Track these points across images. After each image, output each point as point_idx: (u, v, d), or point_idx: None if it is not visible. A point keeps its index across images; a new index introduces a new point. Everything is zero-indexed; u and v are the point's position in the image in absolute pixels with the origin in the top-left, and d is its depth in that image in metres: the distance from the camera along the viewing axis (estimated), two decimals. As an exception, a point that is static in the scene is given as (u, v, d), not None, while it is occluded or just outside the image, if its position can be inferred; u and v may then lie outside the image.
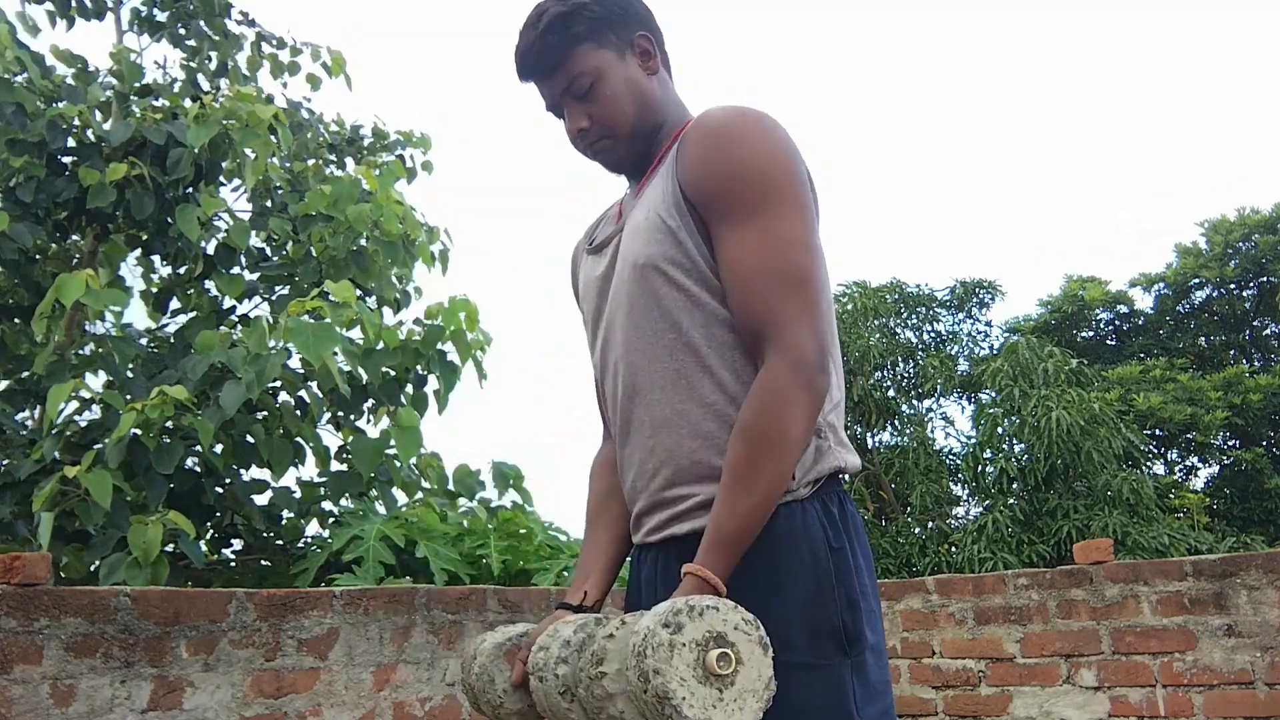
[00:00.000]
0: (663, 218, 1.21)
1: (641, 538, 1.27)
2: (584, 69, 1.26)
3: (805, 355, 1.11)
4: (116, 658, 2.08)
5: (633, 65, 1.29)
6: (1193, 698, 3.08)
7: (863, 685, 1.11)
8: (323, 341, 3.66)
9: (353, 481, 4.20)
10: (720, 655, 0.97)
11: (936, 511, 12.87)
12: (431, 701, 2.68)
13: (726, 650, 0.98)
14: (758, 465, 1.09)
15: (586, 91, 1.27)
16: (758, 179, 1.16)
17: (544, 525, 4.15)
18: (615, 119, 1.27)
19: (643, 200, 1.28)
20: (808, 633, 1.10)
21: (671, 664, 0.95)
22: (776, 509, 1.13)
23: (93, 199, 4.32)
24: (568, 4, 1.26)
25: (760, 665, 0.99)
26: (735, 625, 0.99)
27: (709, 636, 0.98)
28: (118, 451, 3.46)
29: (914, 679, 3.68)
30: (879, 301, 14.30)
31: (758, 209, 1.15)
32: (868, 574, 1.18)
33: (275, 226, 4.88)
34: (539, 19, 1.27)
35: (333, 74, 6.10)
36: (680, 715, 0.94)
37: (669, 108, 1.33)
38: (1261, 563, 3.03)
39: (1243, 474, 14.79)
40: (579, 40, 1.26)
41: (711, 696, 0.96)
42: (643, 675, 0.96)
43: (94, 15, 5.63)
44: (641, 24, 1.32)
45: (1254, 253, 16.67)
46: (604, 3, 1.28)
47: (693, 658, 0.96)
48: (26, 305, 4.86)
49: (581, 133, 1.29)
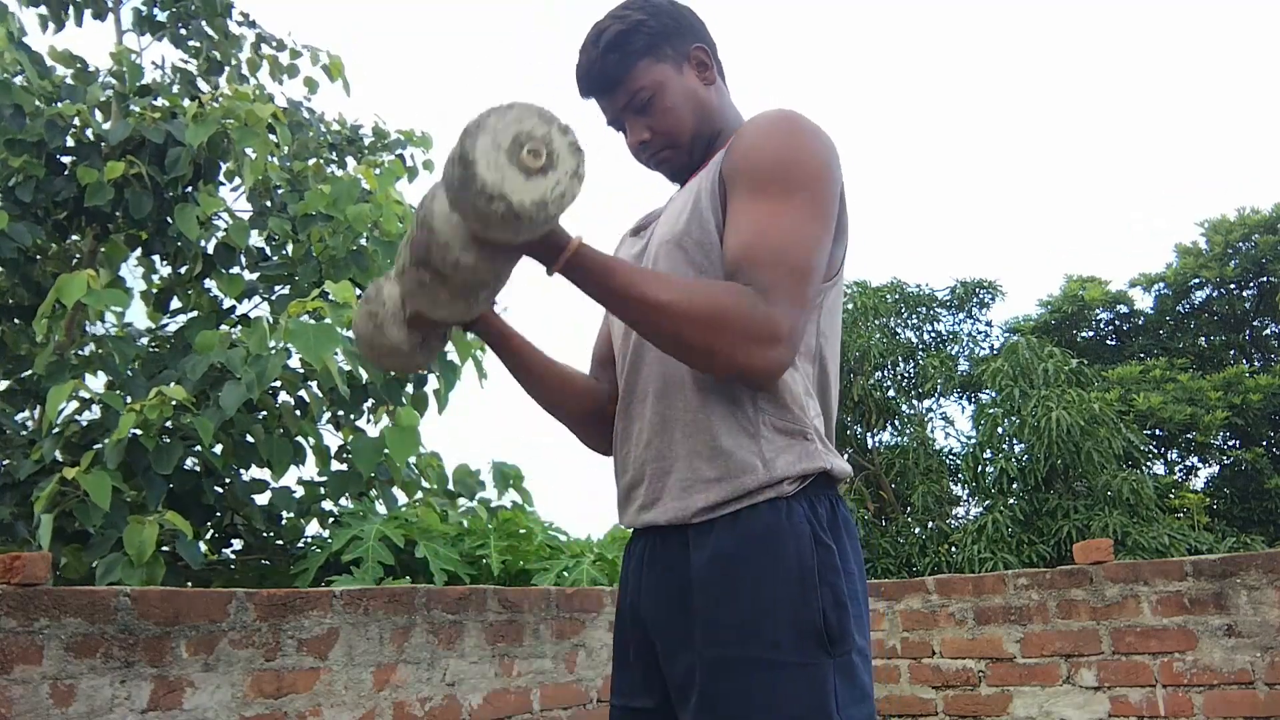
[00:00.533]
0: (696, 201, 1.24)
1: (630, 517, 1.28)
2: (644, 84, 1.31)
3: (778, 325, 1.09)
4: (116, 658, 2.08)
5: (690, 77, 1.34)
6: (1193, 698, 3.08)
7: (847, 687, 1.10)
8: (324, 342, 3.66)
9: (353, 481, 4.20)
10: (530, 150, 0.99)
11: (937, 511, 12.87)
12: (431, 701, 2.68)
13: (538, 147, 0.99)
14: (679, 292, 1.09)
15: (646, 105, 1.32)
16: (785, 170, 1.17)
17: (544, 525, 4.16)
18: (675, 130, 1.32)
19: (686, 188, 1.32)
20: (791, 630, 1.09)
21: (478, 140, 0.97)
22: (759, 505, 1.14)
23: (90, 198, 4.32)
24: (626, 21, 1.31)
25: (570, 162, 1.01)
26: (554, 126, 1.01)
27: (523, 134, 0.99)
28: (117, 452, 3.45)
29: (914, 679, 3.68)
30: (879, 301, 14.30)
31: (777, 194, 1.16)
32: (859, 579, 1.18)
33: (275, 226, 4.88)
34: (599, 38, 1.31)
35: (332, 77, 6.10)
36: (477, 176, 0.96)
37: (727, 116, 1.37)
38: (1261, 563, 3.03)
39: (1243, 474, 14.80)
40: (638, 56, 1.31)
41: (516, 177, 0.98)
42: (452, 160, 0.98)
43: (95, 15, 5.63)
44: (696, 36, 1.36)
45: (1254, 253, 16.67)
46: (660, 18, 1.32)
47: (504, 141, 0.98)
48: (26, 305, 4.86)
49: (643, 145, 1.34)
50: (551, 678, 3.04)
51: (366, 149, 6.43)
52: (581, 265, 1.08)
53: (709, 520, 1.17)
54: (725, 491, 1.16)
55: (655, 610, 1.22)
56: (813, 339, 1.23)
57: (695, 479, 1.18)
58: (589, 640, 3.21)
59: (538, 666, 3.00)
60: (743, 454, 1.16)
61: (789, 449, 1.16)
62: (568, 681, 3.10)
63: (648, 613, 1.23)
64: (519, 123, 1.00)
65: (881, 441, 14.10)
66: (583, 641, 3.18)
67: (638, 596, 1.26)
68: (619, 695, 1.29)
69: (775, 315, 1.09)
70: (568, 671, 3.10)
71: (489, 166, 0.97)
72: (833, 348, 1.27)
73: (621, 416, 1.30)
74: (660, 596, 1.21)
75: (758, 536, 1.13)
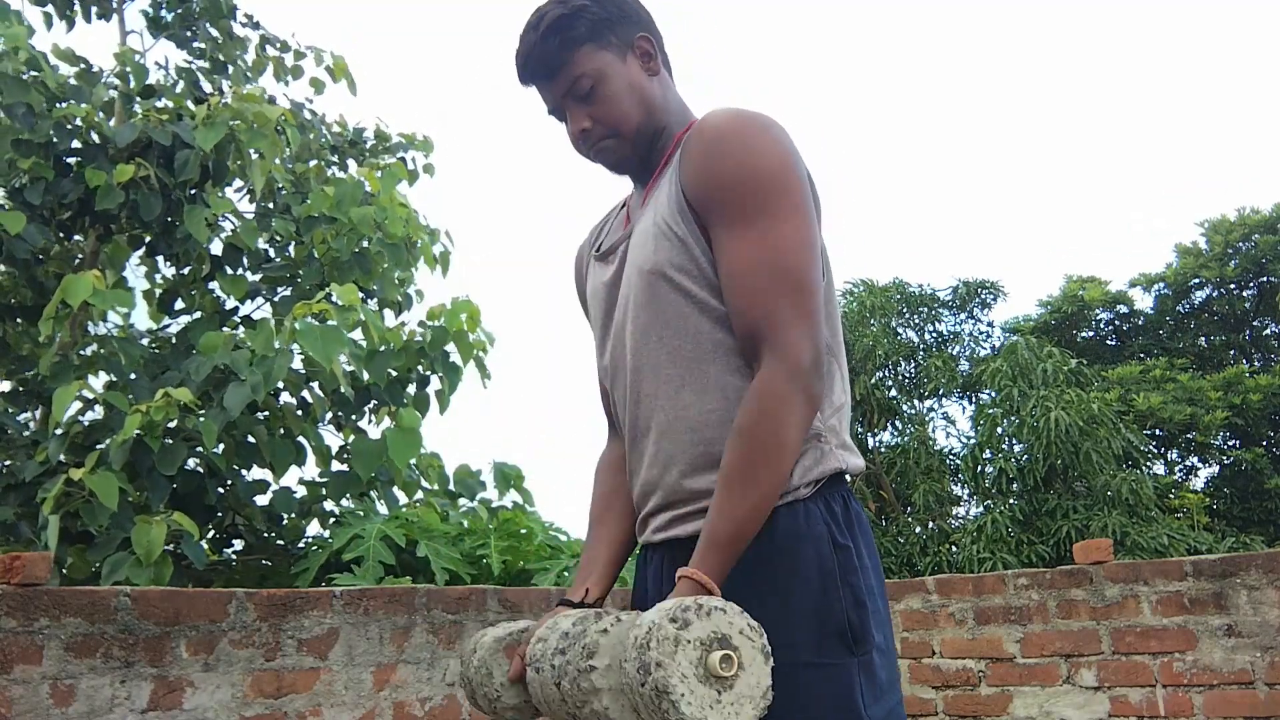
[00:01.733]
0: (669, 224, 1.22)
1: (647, 537, 1.28)
2: (585, 70, 1.26)
3: (801, 360, 1.11)
4: (116, 658, 2.09)
5: (634, 66, 1.30)
6: (1193, 698, 3.08)
7: (870, 684, 1.11)
8: (331, 344, 3.67)
9: (354, 481, 4.21)
10: (723, 657, 0.96)
11: (937, 511, 12.87)
12: (431, 701, 2.68)
13: (729, 653, 0.96)
14: (752, 469, 1.09)
15: (588, 93, 1.27)
16: (756, 183, 1.16)
17: (544, 525, 4.16)
18: (618, 119, 1.28)
19: (649, 206, 1.28)
20: (814, 632, 1.10)
21: (675, 659, 0.94)
22: (777, 509, 1.14)
23: (100, 200, 4.32)
24: (568, 6, 1.27)
25: (760, 672, 0.98)
26: (740, 630, 0.98)
27: (714, 637, 0.97)
28: (122, 453, 3.46)
29: (914, 679, 3.69)
30: (883, 301, 14.30)
31: (756, 213, 1.15)
32: (874, 574, 1.18)
33: (279, 227, 4.89)
34: (539, 22, 1.27)
35: (335, 78, 6.11)
36: (677, 710, 0.93)
37: (671, 109, 1.33)
38: (1261, 563, 3.04)
39: (1243, 474, 14.79)
40: (579, 42, 1.26)
41: (710, 697, 0.95)
42: (643, 668, 0.95)
43: (100, 15, 5.64)
44: (641, 25, 1.32)
45: (1254, 253, 16.66)
46: (604, 4, 1.28)
47: (696, 656, 0.95)
48: (29, 305, 4.86)
49: (584, 134, 1.29)
50: (552, 678, 3.03)
51: (368, 151, 6.43)
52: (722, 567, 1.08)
53: None
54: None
55: None
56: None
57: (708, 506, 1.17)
58: (589, 640, 3.20)
59: (538, 666, 2.99)
60: None
61: (804, 456, 1.17)
62: (568, 681, 3.09)
63: None
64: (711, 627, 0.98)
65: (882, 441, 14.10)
66: (583, 641, 3.18)
67: (656, 602, 1.25)
68: None
69: (794, 354, 1.11)
70: (568, 671, 3.10)
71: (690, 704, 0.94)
72: (836, 339, 1.26)
73: (631, 447, 1.30)
74: None
75: (776, 541, 1.13)
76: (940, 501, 13.00)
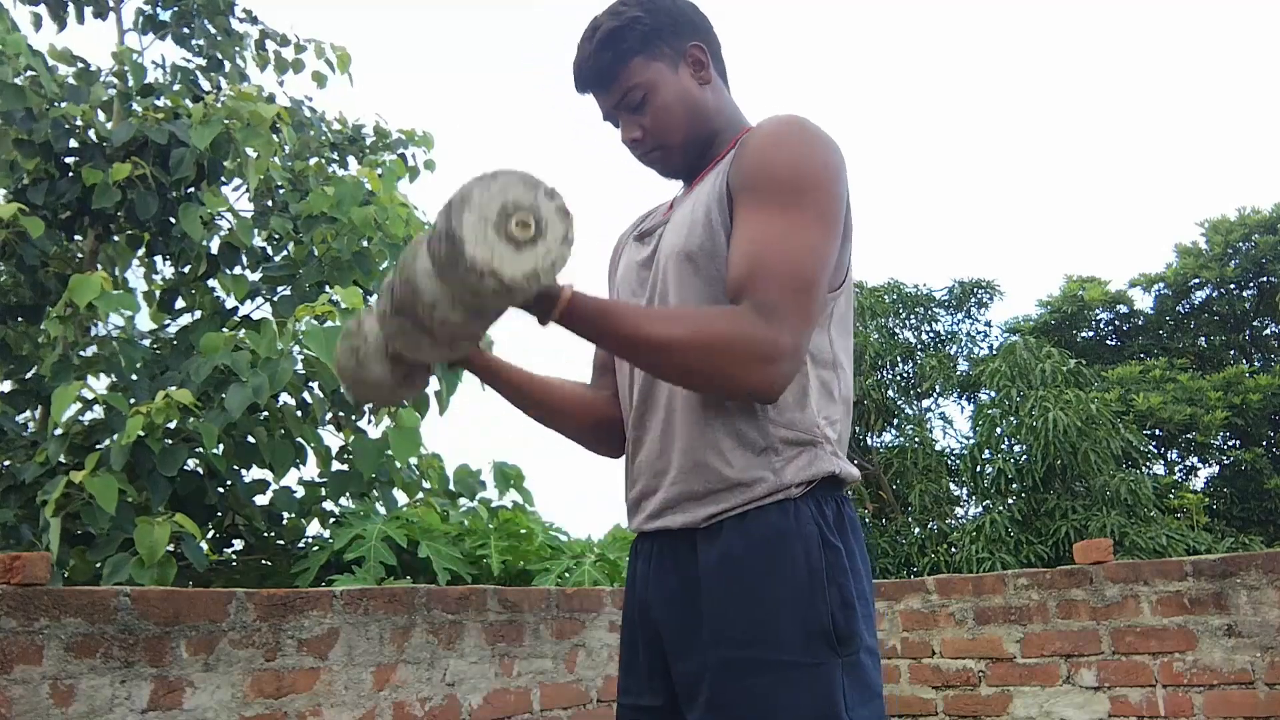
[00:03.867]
0: (706, 212, 1.24)
1: (639, 524, 1.29)
2: (636, 82, 1.30)
3: (778, 341, 1.10)
4: (116, 658, 2.09)
5: (685, 76, 1.33)
6: (1193, 698, 3.08)
7: (856, 687, 1.11)
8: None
9: (354, 481, 4.21)
10: (519, 222, 0.97)
11: (936, 511, 12.88)
12: (431, 701, 2.68)
13: (527, 218, 0.97)
14: (676, 323, 1.10)
15: (639, 104, 1.31)
16: (798, 180, 1.17)
17: (544, 525, 4.16)
18: (667, 130, 1.31)
19: (691, 195, 1.31)
20: (799, 631, 1.10)
21: (464, 215, 0.95)
22: (767, 506, 1.14)
23: (98, 199, 4.32)
24: (621, 18, 1.30)
25: (558, 228, 0.99)
26: (541, 193, 0.99)
27: (514, 204, 0.97)
28: (122, 454, 3.46)
29: (914, 679, 3.69)
30: (876, 301, 14.31)
31: (785, 203, 1.16)
32: (866, 579, 1.18)
33: (277, 225, 4.88)
34: (593, 34, 1.31)
35: (338, 70, 6.08)
36: (465, 253, 0.94)
37: (724, 116, 1.36)
38: (1261, 563, 3.04)
39: (1242, 474, 14.80)
40: (631, 54, 1.30)
41: (505, 251, 0.96)
42: (438, 236, 0.96)
43: (96, 14, 5.63)
44: (696, 34, 1.35)
45: (1254, 253, 16.67)
46: (657, 15, 1.31)
47: (492, 214, 0.96)
48: (29, 305, 4.86)
49: (635, 143, 1.34)
50: (552, 678, 3.04)
51: (368, 149, 6.42)
52: (576, 314, 1.08)
53: (717, 522, 1.18)
54: (734, 500, 1.17)
55: (665, 610, 1.22)
56: (826, 346, 1.23)
57: (706, 491, 1.19)
58: (589, 640, 3.21)
59: (538, 666, 3.00)
60: (753, 469, 1.17)
61: (798, 457, 1.17)
62: (568, 681, 3.10)
63: (658, 612, 1.24)
64: (504, 193, 0.98)
65: (881, 442, 14.11)
66: (583, 641, 3.19)
67: (646, 594, 1.26)
68: (626, 694, 1.30)
69: (776, 334, 1.09)
70: (568, 671, 3.11)
71: (477, 242, 0.95)
72: (847, 353, 1.27)
73: (634, 427, 1.30)
74: (669, 596, 1.22)
75: (765, 538, 1.14)
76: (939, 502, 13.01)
